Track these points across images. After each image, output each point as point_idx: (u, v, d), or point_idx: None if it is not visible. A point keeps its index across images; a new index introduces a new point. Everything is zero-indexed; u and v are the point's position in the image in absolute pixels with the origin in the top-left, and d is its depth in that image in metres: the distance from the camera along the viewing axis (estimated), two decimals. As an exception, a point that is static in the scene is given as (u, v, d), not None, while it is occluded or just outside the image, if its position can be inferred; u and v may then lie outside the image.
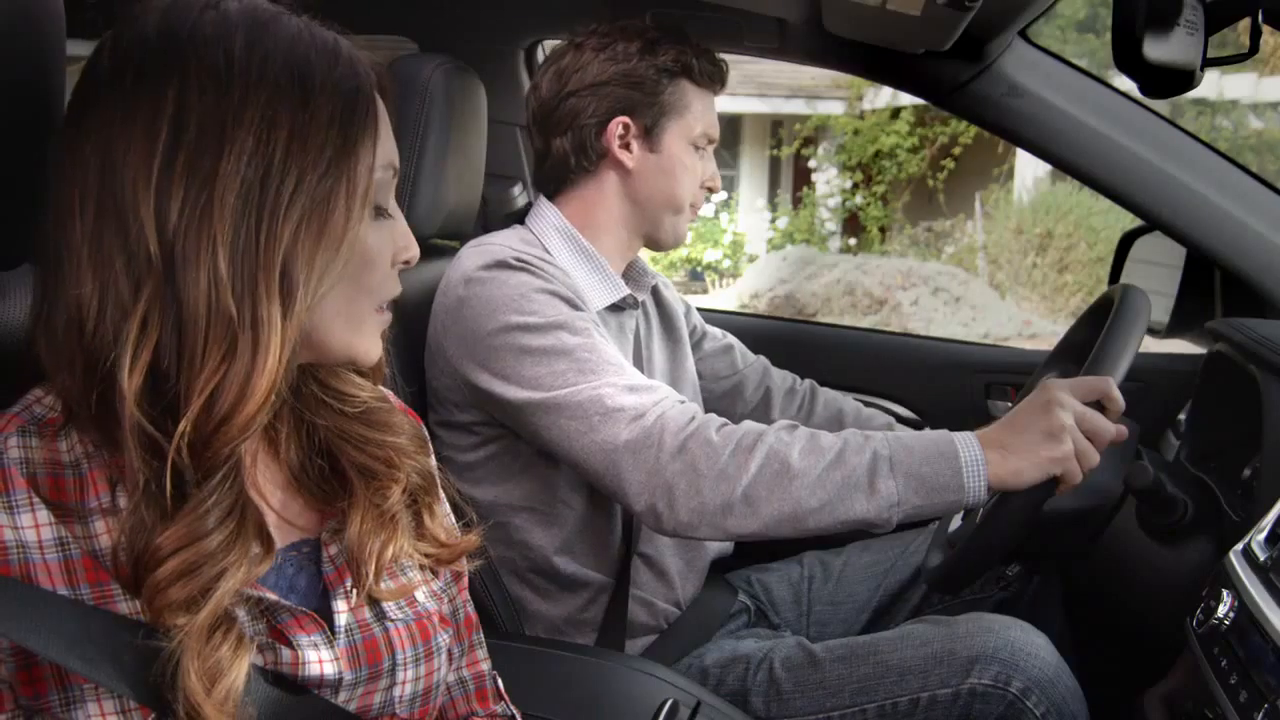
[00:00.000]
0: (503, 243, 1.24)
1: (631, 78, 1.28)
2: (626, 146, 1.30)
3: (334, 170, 0.64)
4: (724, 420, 1.11)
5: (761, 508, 1.05)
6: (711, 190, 1.38)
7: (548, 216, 1.32)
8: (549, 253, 1.28)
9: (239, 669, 0.63)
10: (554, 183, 1.34)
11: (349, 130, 0.65)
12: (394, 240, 0.71)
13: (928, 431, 1.11)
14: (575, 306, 1.19)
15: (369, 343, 0.71)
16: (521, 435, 1.20)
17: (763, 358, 1.60)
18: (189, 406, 0.60)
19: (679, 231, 1.37)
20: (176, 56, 0.61)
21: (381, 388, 0.80)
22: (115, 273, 0.61)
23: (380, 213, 0.70)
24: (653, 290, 1.46)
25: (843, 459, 1.06)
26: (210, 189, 0.60)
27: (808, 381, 1.58)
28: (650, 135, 1.30)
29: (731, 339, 1.59)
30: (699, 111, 1.31)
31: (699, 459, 1.06)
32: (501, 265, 1.18)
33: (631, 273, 1.40)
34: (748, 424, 1.10)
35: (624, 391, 1.11)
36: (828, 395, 1.56)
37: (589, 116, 1.29)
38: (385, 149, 0.68)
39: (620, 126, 1.29)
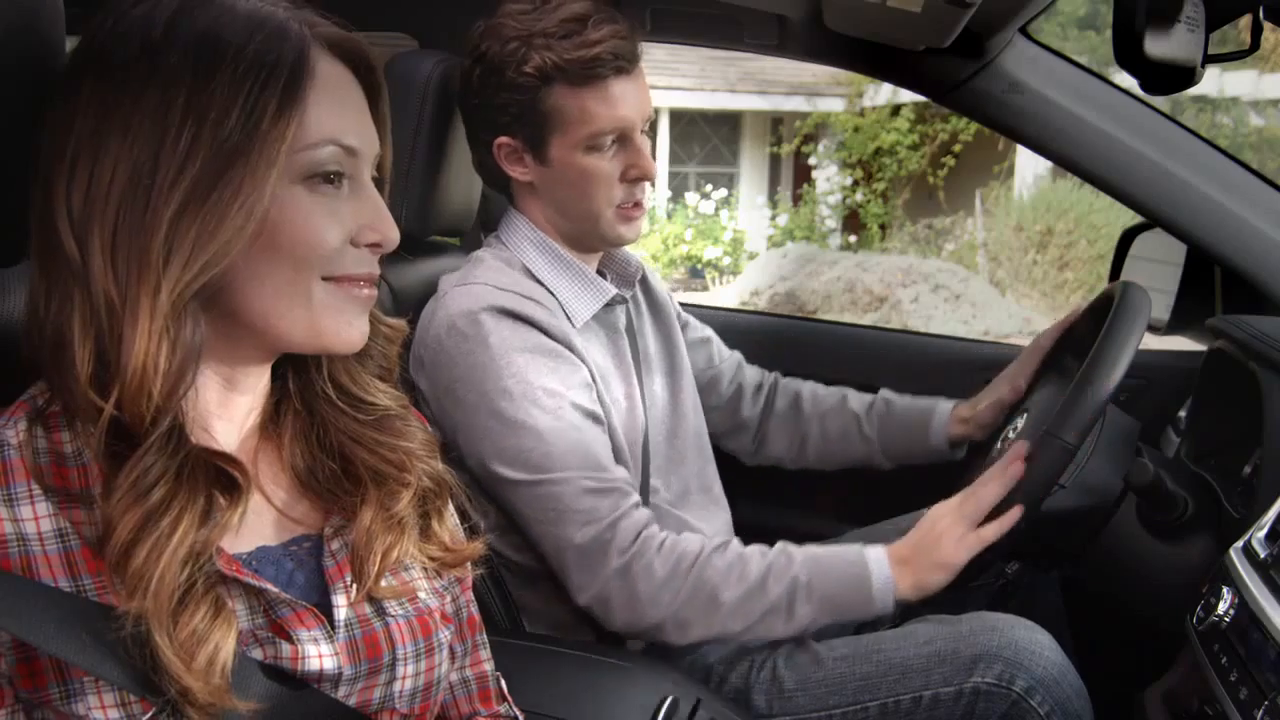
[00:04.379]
0: (485, 281, 1.20)
1: (498, 99, 1.19)
2: (520, 162, 1.24)
3: (233, 143, 0.62)
4: (665, 536, 1.16)
5: (690, 630, 1.16)
6: (640, 178, 1.24)
7: (520, 228, 1.29)
8: (529, 269, 1.26)
9: (219, 638, 0.62)
10: (502, 192, 1.32)
11: (257, 103, 0.63)
12: (349, 218, 0.68)
13: (845, 550, 1.18)
14: (557, 358, 1.18)
15: (342, 329, 0.69)
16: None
17: (737, 353, 1.59)
18: (116, 384, 0.62)
19: (609, 235, 1.26)
20: (95, 55, 0.63)
21: (397, 392, 0.80)
22: (57, 272, 0.63)
23: (325, 188, 0.67)
24: (641, 279, 1.43)
25: (764, 589, 1.15)
26: (102, 174, 0.62)
27: (774, 374, 1.60)
28: (535, 149, 1.22)
29: (710, 332, 1.57)
30: (584, 115, 1.19)
31: (638, 581, 1.14)
32: (485, 316, 1.16)
33: (614, 265, 1.37)
34: (685, 544, 1.16)
35: (582, 494, 1.15)
36: (785, 385, 1.59)
37: (477, 139, 1.26)
38: (325, 122, 0.66)
39: (503, 148, 1.23)
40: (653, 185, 1.27)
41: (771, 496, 1.63)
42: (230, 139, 0.62)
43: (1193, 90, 1.10)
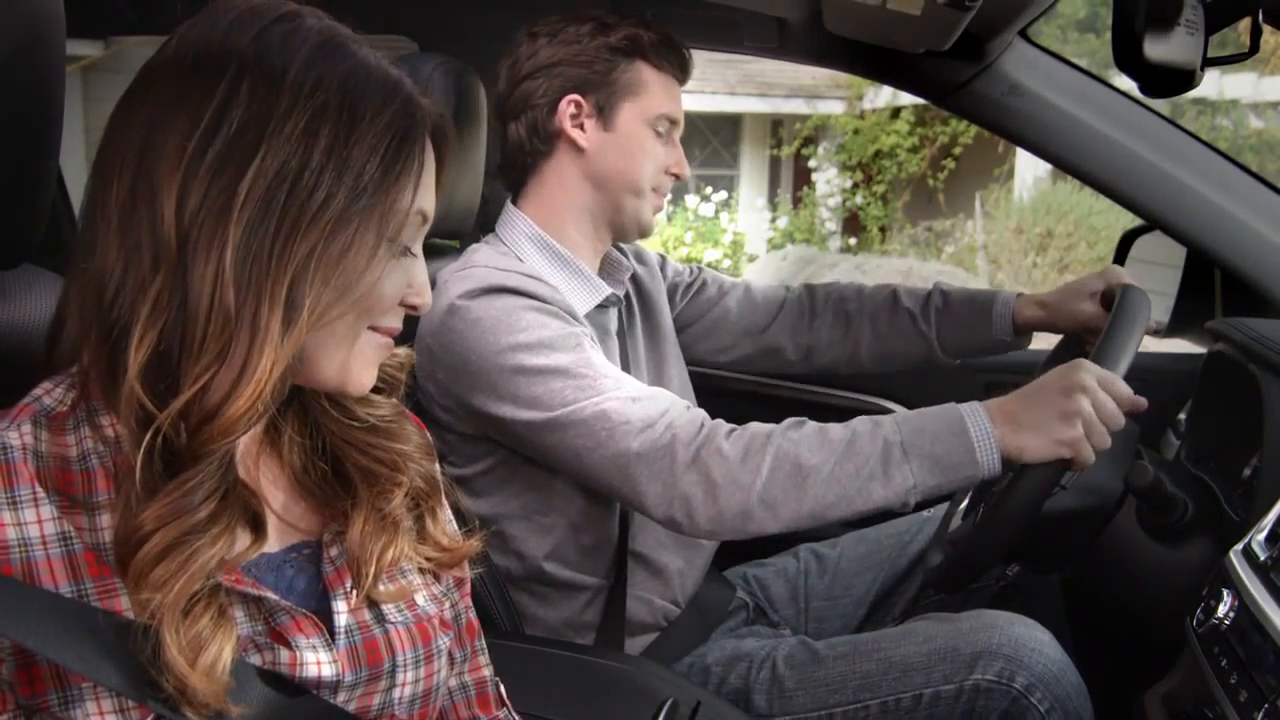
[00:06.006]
0: (484, 264, 1.22)
1: (581, 57, 1.25)
2: (580, 125, 1.27)
3: (367, 199, 0.64)
4: (731, 426, 1.11)
5: (780, 510, 1.07)
6: (677, 176, 1.33)
7: (517, 224, 1.30)
8: (524, 263, 1.27)
9: (222, 642, 0.62)
10: (516, 174, 1.32)
11: (392, 164, 0.65)
12: (409, 282, 0.71)
13: (934, 408, 1.11)
14: (563, 319, 1.18)
15: (364, 373, 0.71)
16: (528, 454, 1.20)
17: (742, 281, 1.58)
18: (181, 394, 0.61)
19: (642, 217, 1.31)
20: (236, 55, 0.62)
21: (394, 400, 0.80)
22: (140, 246, 0.62)
23: (403, 254, 0.70)
24: (632, 277, 1.44)
25: (853, 450, 1.07)
26: (235, 185, 0.61)
27: (799, 287, 1.56)
28: (603, 113, 1.27)
29: (706, 274, 1.56)
30: (656, 93, 1.27)
31: (712, 469, 1.07)
32: (485, 290, 1.16)
33: (607, 266, 1.38)
34: (754, 426, 1.10)
35: (628, 403, 1.11)
36: (823, 291, 1.53)
37: (540, 98, 1.27)
38: (424, 195, 0.69)
39: (571, 105, 1.26)
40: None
41: None
42: (365, 190, 0.63)
43: (1192, 93, 1.10)
